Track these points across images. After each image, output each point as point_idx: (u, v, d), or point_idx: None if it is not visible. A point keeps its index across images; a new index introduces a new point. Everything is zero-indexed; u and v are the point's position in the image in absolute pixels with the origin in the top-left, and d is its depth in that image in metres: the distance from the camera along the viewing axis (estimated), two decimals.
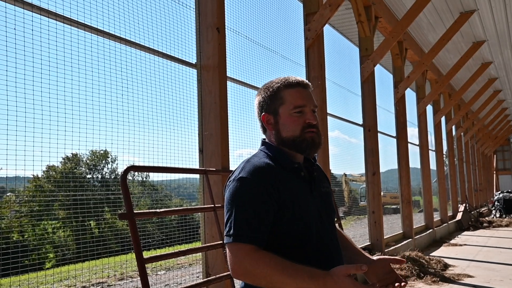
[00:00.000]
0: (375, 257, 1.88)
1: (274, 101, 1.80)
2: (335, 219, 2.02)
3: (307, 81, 1.87)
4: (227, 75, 4.42)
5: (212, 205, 3.75)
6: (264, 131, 1.88)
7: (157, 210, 3.12)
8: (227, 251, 1.66)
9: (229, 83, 4.60)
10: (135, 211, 2.94)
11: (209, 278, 3.67)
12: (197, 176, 4.29)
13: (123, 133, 3.65)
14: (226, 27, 4.44)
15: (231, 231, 1.64)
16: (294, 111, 1.77)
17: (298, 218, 1.70)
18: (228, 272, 3.68)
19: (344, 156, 8.96)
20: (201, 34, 4.27)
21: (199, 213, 4.19)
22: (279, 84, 1.82)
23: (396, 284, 1.75)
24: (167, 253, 3.11)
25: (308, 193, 1.78)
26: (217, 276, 3.62)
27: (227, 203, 1.70)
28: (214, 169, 4.00)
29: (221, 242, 3.71)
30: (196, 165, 4.22)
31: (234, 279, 3.75)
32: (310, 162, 1.86)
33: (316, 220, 1.76)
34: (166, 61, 4.12)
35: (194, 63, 4.27)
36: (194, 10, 4.32)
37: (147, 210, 3.20)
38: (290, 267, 1.57)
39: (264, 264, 1.58)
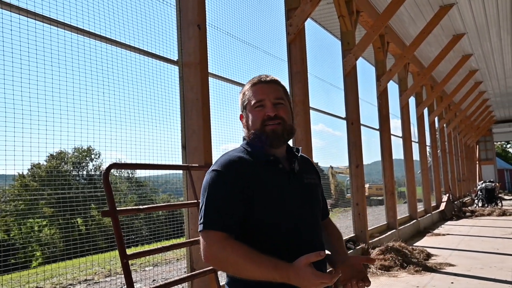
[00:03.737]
0: (349, 256, 1.94)
1: (244, 101, 1.93)
2: (323, 210, 2.08)
3: (271, 76, 1.95)
4: (209, 71, 4.45)
5: (196, 201, 3.80)
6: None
7: (140, 207, 3.16)
8: (200, 238, 1.73)
9: (211, 79, 4.64)
10: (118, 208, 2.98)
11: (193, 272, 3.72)
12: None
13: (105, 130, 3.68)
14: (207, 23, 4.47)
15: (202, 219, 1.72)
16: (255, 106, 1.87)
17: (270, 209, 1.76)
18: (212, 267, 3.74)
19: (329, 149, 9.05)
20: (182, 31, 4.30)
21: (184, 209, 4.23)
22: (246, 85, 1.95)
23: (360, 283, 1.80)
24: (150, 249, 3.16)
25: (286, 185, 1.83)
26: (201, 270, 3.67)
27: (201, 193, 1.79)
28: (197, 165, 4.04)
29: None
30: (179, 161, 4.26)
31: (218, 273, 3.81)
32: (293, 154, 1.92)
33: (293, 211, 1.80)
34: (147, 59, 4.14)
35: (175, 60, 4.30)
36: (175, 7, 4.35)
37: (130, 207, 3.24)
38: (256, 257, 1.63)
39: (231, 252, 1.65)
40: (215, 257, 1.68)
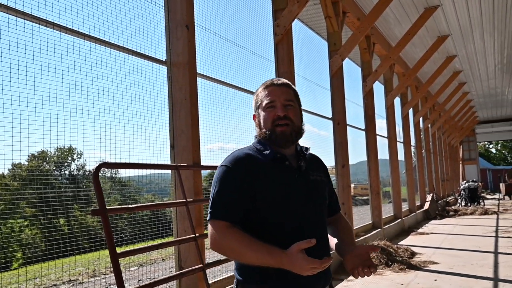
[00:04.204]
0: (356, 246, 2.05)
1: (257, 101, 2.08)
2: (333, 206, 2.24)
3: (283, 80, 2.09)
4: (197, 71, 4.49)
5: (184, 200, 3.83)
6: None
7: (130, 206, 3.18)
8: (208, 226, 1.91)
9: (200, 80, 4.67)
10: (108, 207, 3.00)
11: (182, 271, 3.75)
12: (168, 171, 4.36)
13: (94, 130, 3.68)
14: (195, 24, 4.50)
15: (210, 209, 1.90)
16: (266, 107, 2.01)
17: (274, 202, 1.91)
18: (201, 265, 3.78)
19: (315, 149, 8.96)
20: (170, 32, 4.32)
21: (171, 208, 4.26)
22: (260, 88, 2.09)
23: (365, 269, 1.91)
24: (140, 247, 3.18)
25: (292, 182, 1.96)
26: (189, 269, 3.71)
27: (212, 186, 1.96)
28: (186, 164, 4.07)
29: (193, 236, 3.80)
30: (167, 161, 4.28)
31: (206, 271, 3.84)
32: (300, 153, 2.06)
33: (297, 210, 1.94)
34: (136, 58, 4.15)
35: (164, 60, 4.32)
36: (164, 7, 4.37)
37: (120, 206, 3.26)
38: (254, 243, 1.79)
39: (232, 239, 1.82)
40: (218, 243, 1.84)
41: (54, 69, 3.45)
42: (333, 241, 2.12)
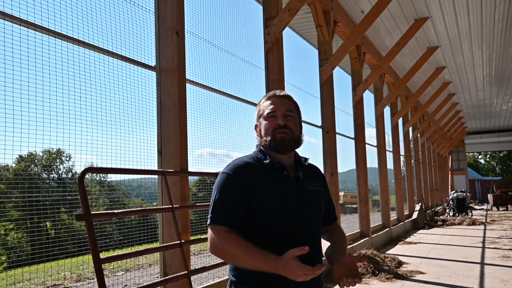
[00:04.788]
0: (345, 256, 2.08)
1: (259, 111, 2.18)
2: (329, 215, 2.29)
3: (285, 92, 2.20)
4: (187, 77, 4.49)
5: (170, 206, 3.82)
6: None
7: (115, 211, 3.17)
8: (208, 230, 1.99)
9: (190, 86, 4.68)
10: (92, 212, 2.99)
11: (166, 277, 3.73)
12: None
13: (80, 133, 3.66)
14: (186, 30, 4.51)
15: (210, 214, 1.99)
16: (268, 116, 2.10)
17: (270, 210, 1.98)
18: (185, 272, 3.76)
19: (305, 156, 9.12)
20: (160, 38, 4.33)
21: (158, 214, 4.24)
22: (262, 99, 2.20)
23: (349, 279, 1.94)
24: (124, 253, 3.17)
25: (288, 190, 2.04)
26: (174, 275, 3.69)
27: (212, 192, 2.05)
28: (173, 170, 4.06)
29: (178, 242, 3.79)
30: (155, 166, 4.27)
31: (191, 278, 3.83)
32: (300, 163, 2.15)
33: (292, 213, 2.01)
34: (125, 64, 4.15)
35: (153, 65, 4.33)
36: (154, 13, 4.38)
37: (105, 211, 3.24)
38: (250, 248, 1.87)
39: (229, 243, 1.90)
40: (217, 248, 1.93)
41: (41, 73, 3.45)
42: (325, 245, 2.18)
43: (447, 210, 19.90)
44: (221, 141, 5.54)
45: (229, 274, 2.06)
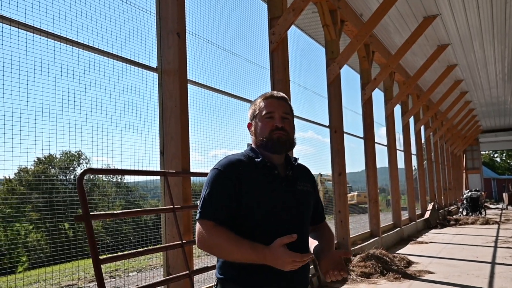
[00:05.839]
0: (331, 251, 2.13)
1: (254, 111, 2.19)
2: (318, 215, 2.32)
3: (282, 94, 2.23)
4: (190, 78, 4.52)
5: (171, 206, 3.85)
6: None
7: (114, 212, 3.20)
8: (196, 225, 2.01)
9: (193, 87, 4.70)
10: (92, 213, 3.02)
11: (168, 277, 3.76)
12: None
13: (86, 135, 3.71)
14: (188, 31, 4.54)
15: (199, 209, 2.01)
16: (265, 117, 2.12)
17: (259, 208, 2.00)
18: (187, 272, 3.78)
19: (318, 156, 9.08)
20: (161, 39, 4.36)
21: (161, 214, 4.27)
22: (258, 98, 2.22)
23: (335, 272, 1.99)
24: (124, 253, 3.20)
25: (279, 189, 2.07)
26: (176, 275, 3.72)
27: (203, 187, 2.08)
28: (174, 171, 4.09)
29: (180, 242, 3.82)
30: (158, 167, 4.30)
31: (194, 278, 3.85)
32: (290, 163, 2.17)
33: (281, 211, 2.04)
34: (128, 66, 4.19)
35: (155, 67, 4.36)
36: (155, 15, 4.41)
37: (104, 212, 3.28)
38: (237, 240, 1.90)
39: (217, 236, 1.92)
40: (204, 241, 1.94)
41: (54, 77, 3.52)
42: (313, 244, 2.20)
43: (460, 210, 19.69)
44: (234, 141, 5.59)
45: (216, 273, 2.08)
